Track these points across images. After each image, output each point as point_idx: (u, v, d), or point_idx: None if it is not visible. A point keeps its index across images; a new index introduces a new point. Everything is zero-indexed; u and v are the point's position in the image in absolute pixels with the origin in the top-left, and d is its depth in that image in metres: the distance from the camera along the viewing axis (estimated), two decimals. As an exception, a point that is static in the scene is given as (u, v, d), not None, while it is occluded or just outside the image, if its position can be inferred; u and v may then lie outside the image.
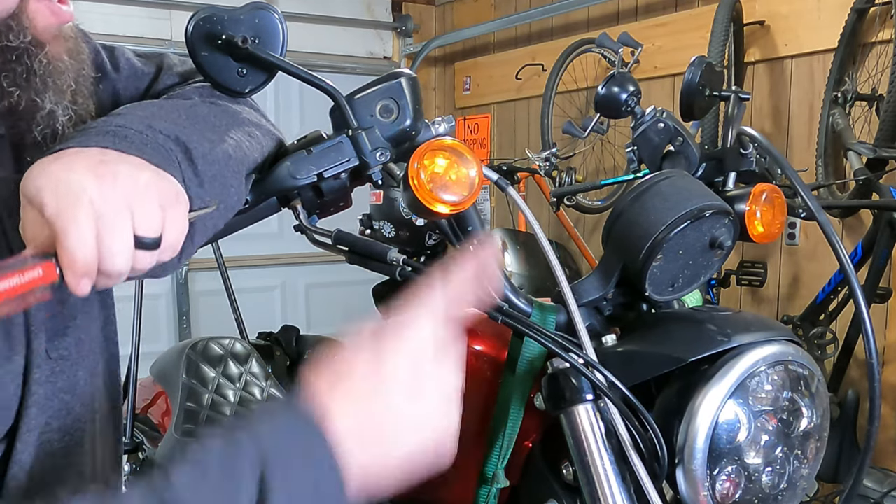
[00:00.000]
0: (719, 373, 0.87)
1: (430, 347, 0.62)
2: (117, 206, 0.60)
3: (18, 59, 0.70)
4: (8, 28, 0.69)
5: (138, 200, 0.62)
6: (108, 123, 0.68)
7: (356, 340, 0.62)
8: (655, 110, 1.20)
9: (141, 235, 0.62)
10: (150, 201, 0.62)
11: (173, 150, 0.69)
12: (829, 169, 2.60)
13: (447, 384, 0.62)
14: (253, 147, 0.80)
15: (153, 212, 0.63)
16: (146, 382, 2.07)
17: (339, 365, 0.61)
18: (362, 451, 0.58)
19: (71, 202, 0.59)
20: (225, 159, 0.74)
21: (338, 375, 0.60)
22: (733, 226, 0.96)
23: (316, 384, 0.60)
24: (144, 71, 0.90)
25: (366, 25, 4.48)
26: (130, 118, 0.70)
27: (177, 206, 0.65)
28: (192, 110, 0.77)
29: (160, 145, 0.68)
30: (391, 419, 0.60)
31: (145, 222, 0.62)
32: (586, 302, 0.95)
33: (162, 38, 3.79)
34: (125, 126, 0.68)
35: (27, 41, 0.70)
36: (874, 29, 2.55)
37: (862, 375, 2.52)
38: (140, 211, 0.62)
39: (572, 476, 0.91)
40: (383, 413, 0.59)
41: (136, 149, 0.65)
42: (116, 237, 0.60)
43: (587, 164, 3.64)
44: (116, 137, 0.66)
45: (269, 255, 4.03)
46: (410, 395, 0.60)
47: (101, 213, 0.59)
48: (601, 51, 3.29)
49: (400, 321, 0.62)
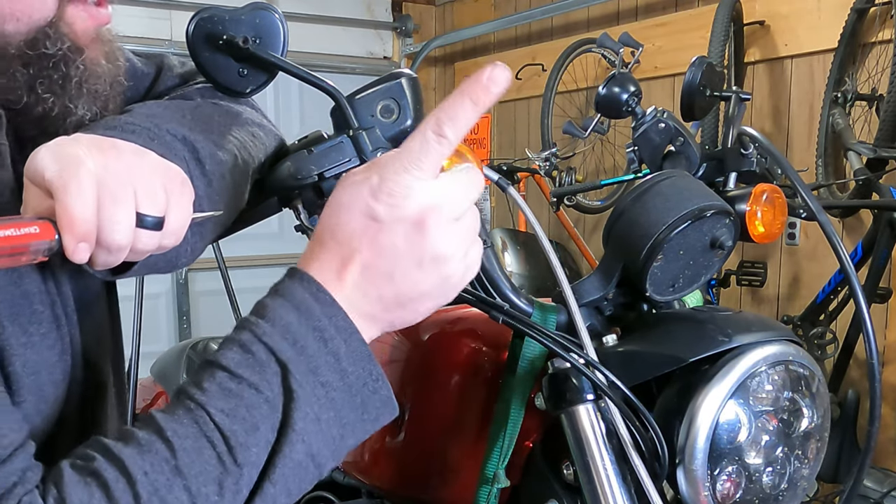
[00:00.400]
0: (720, 373, 0.87)
1: (430, 192, 0.61)
2: (120, 178, 0.58)
3: (55, 67, 0.68)
4: (45, 36, 0.67)
5: (142, 178, 0.60)
6: (115, 120, 0.68)
7: (350, 200, 0.62)
8: (656, 110, 1.20)
9: (143, 213, 0.60)
10: (154, 181, 0.61)
11: (181, 149, 0.68)
12: (829, 169, 2.60)
13: (457, 228, 0.62)
14: (257, 147, 0.80)
15: (157, 191, 0.61)
16: (146, 382, 2.07)
17: (337, 245, 0.62)
18: (373, 308, 0.62)
19: (73, 164, 0.57)
20: (231, 160, 0.74)
21: (341, 260, 0.62)
22: (734, 226, 0.96)
23: (318, 269, 0.62)
24: (144, 72, 0.90)
25: (366, 25, 4.48)
26: (137, 116, 0.70)
27: (182, 192, 0.64)
28: (196, 111, 0.76)
29: (167, 142, 0.67)
30: (403, 285, 0.62)
31: (148, 200, 0.60)
32: (587, 302, 0.96)
33: (162, 38, 3.79)
34: (132, 123, 0.67)
35: (65, 47, 0.68)
36: (874, 29, 2.55)
37: (862, 375, 2.52)
38: (143, 188, 0.60)
39: (573, 476, 0.91)
40: (394, 283, 0.61)
41: (143, 141, 0.65)
42: (119, 207, 0.58)
43: (587, 164, 3.64)
44: (124, 132, 0.65)
45: (269, 255, 4.03)
46: (416, 255, 0.61)
47: (103, 182, 0.58)
48: (601, 51, 3.29)
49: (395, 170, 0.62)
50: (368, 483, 1.19)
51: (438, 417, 1.06)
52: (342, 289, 0.62)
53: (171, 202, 0.62)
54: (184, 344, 2.04)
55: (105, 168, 0.58)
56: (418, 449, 1.09)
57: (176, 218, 0.63)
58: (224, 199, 0.73)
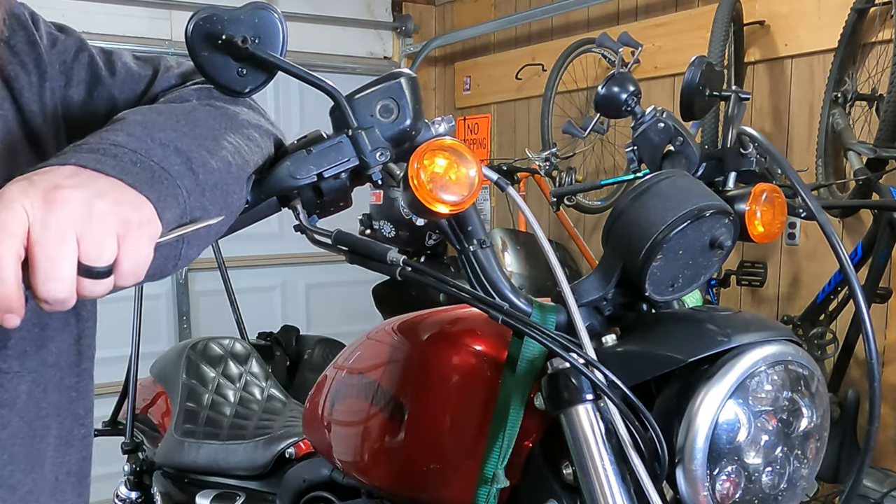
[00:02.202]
0: (719, 373, 0.87)
1: None
2: (59, 232, 0.59)
3: None
4: None
5: (86, 228, 0.60)
6: (104, 140, 0.67)
7: None
8: (655, 110, 1.20)
9: (87, 264, 0.60)
10: (101, 229, 0.60)
11: (172, 161, 0.68)
12: (829, 169, 2.60)
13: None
14: (252, 150, 0.80)
15: (104, 240, 0.61)
16: (146, 382, 2.07)
17: None
18: None
19: (4, 201, 0.58)
20: (225, 166, 0.73)
21: None
22: (733, 226, 0.96)
23: None
24: (141, 74, 0.90)
25: (366, 25, 4.48)
26: (128, 126, 0.70)
27: (140, 233, 0.63)
28: (190, 115, 0.76)
29: (153, 163, 0.67)
30: None
31: (93, 250, 0.60)
32: (586, 302, 0.95)
33: (162, 38, 3.79)
34: (118, 144, 0.67)
35: None
36: (874, 29, 2.55)
37: (862, 375, 2.52)
38: (87, 238, 0.60)
39: (572, 476, 0.91)
40: None
41: (118, 169, 0.64)
42: (52, 264, 0.58)
43: (587, 164, 3.64)
44: (104, 156, 0.65)
45: (269, 255, 4.03)
46: None
47: (36, 240, 0.58)
48: (601, 51, 3.29)
49: None
50: (368, 483, 1.19)
51: (438, 417, 1.06)
52: None
53: (124, 246, 0.62)
54: (184, 344, 2.05)
55: (43, 224, 0.58)
56: (418, 449, 1.09)
57: (129, 261, 0.63)
58: (217, 206, 0.73)
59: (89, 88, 0.86)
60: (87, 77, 0.86)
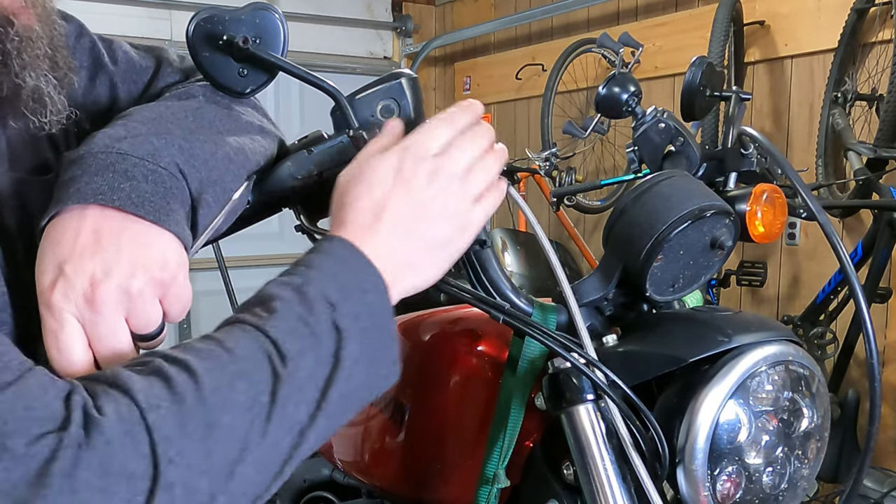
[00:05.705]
0: (720, 373, 0.87)
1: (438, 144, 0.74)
2: (110, 328, 0.63)
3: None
4: None
5: (131, 309, 0.63)
6: (110, 148, 0.67)
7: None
8: (656, 110, 1.20)
9: (140, 333, 0.65)
10: (142, 303, 0.64)
11: (180, 162, 0.69)
12: (829, 169, 2.60)
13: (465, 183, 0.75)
14: (255, 150, 0.80)
15: (147, 311, 0.64)
16: (146, 382, 2.07)
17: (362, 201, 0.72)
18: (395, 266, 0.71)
19: (57, 309, 0.61)
20: (226, 163, 0.74)
21: (375, 214, 0.71)
22: (734, 226, 0.96)
23: (345, 225, 0.71)
24: (143, 65, 0.89)
25: (366, 25, 4.48)
26: (136, 119, 0.70)
27: (174, 284, 0.66)
28: (197, 112, 0.77)
29: (162, 168, 0.67)
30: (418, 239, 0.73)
31: (141, 323, 0.64)
32: (587, 302, 0.95)
33: (162, 38, 3.80)
34: (126, 153, 0.67)
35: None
36: (874, 29, 2.55)
37: (862, 375, 2.52)
38: (134, 315, 0.64)
39: (573, 476, 0.91)
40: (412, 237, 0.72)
41: (135, 202, 0.65)
42: (114, 355, 0.63)
43: (587, 164, 3.64)
44: (114, 174, 0.65)
45: (270, 255, 4.03)
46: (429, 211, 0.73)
47: (92, 336, 0.62)
48: (601, 51, 3.29)
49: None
50: (368, 483, 1.19)
51: (438, 417, 1.06)
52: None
53: (167, 301, 0.66)
54: (184, 344, 2.04)
55: (93, 324, 0.62)
56: (418, 449, 1.09)
57: (175, 309, 0.67)
58: (219, 204, 0.74)
59: (91, 74, 0.85)
60: (88, 62, 0.85)
